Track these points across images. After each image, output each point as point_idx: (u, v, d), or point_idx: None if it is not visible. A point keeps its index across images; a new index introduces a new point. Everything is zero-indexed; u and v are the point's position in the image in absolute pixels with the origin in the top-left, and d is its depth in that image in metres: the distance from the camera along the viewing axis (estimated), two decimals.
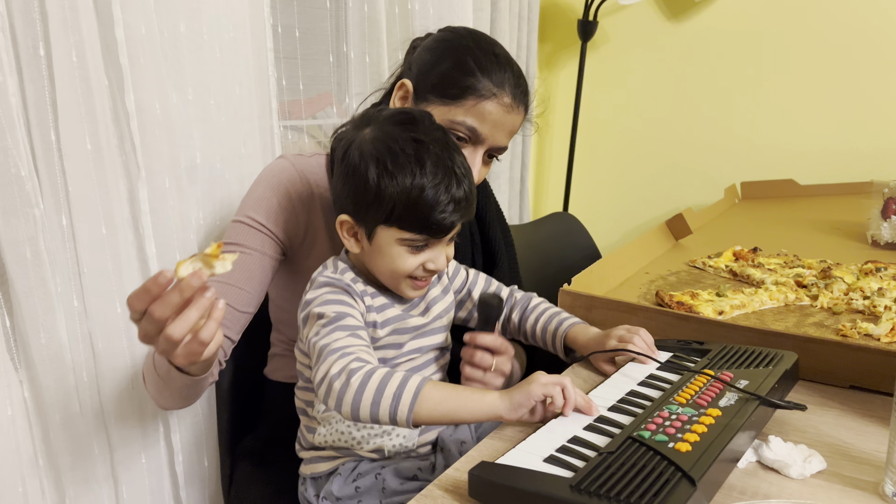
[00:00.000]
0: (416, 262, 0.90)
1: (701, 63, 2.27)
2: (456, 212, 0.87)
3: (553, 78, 2.52)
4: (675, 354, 0.98)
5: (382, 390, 0.78)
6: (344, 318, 0.86)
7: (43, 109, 0.97)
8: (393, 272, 0.91)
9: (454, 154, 0.89)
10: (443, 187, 0.86)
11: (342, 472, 0.95)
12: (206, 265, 0.73)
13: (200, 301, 0.74)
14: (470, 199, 0.90)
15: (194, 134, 1.18)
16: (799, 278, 1.31)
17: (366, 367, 0.80)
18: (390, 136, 0.88)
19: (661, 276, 1.38)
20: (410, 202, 0.85)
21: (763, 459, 0.76)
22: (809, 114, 2.16)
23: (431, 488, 0.74)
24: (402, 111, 0.93)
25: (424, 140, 0.87)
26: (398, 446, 0.95)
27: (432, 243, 0.90)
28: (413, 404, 0.77)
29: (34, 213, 0.95)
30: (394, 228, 0.88)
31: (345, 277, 0.92)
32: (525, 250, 1.63)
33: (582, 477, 0.62)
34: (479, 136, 1.05)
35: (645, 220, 2.43)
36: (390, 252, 0.89)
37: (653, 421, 0.73)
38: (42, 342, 0.98)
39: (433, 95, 1.06)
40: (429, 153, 0.86)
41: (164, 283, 0.72)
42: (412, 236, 0.88)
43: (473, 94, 1.03)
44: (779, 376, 0.84)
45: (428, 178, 0.85)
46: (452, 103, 1.04)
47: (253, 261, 1.04)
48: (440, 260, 0.92)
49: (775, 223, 1.87)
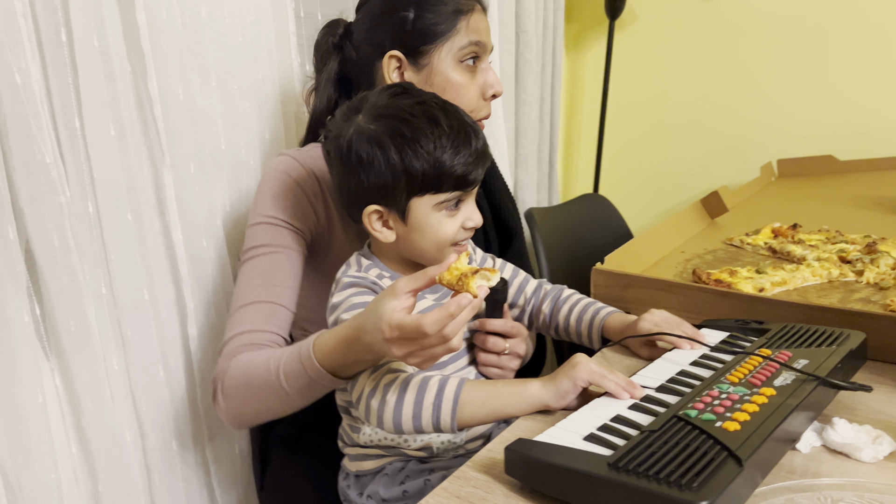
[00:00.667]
0: (455, 224, 0.89)
1: (733, 38, 2.21)
2: (480, 160, 0.87)
3: (580, 58, 2.47)
4: (732, 334, 0.93)
5: (421, 401, 0.78)
6: None
7: (67, 96, 0.97)
8: (438, 243, 0.89)
9: (457, 108, 0.90)
10: (461, 139, 0.85)
11: (388, 471, 0.93)
12: (485, 280, 0.72)
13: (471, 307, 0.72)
14: (486, 146, 0.90)
15: (217, 119, 1.17)
16: (842, 254, 1.26)
17: (399, 377, 0.79)
18: (393, 108, 0.86)
19: (698, 255, 1.34)
20: (439, 163, 0.84)
21: (829, 443, 0.72)
22: (847, 88, 2.08)
23: (465, 469, 0.72)
24: (387, 87, 0.92)
25: (427, 101, 0.88)
26: (446, 443, 0.93)
27: (464, 198, 0.89)
28: (455, 410, 0.77)
29: (60, 200, 0.94)
30: (427, 196, 0.86)
31: (369, 275, 0.90)
32: (554, 232, 1.60)
33: (621, 455, 0.59)
34: (485, 45, 1.10)
35: (678, 201, 2.38)
36: (429, 223, 0.88)
37: (701, 400, 0.70)
38: (71, 330, 0.98)
39: (429, 44, 1.07)
40: (438, 111, 0.86)
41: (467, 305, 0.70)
42: (447, 196, 0.87)
43: (462, 15, 1.07)
44: (842, 356, 0.79)
45: (447, 135, 0.85)
46: (452, 34, 1.07)
47: (289, 258, 1.02)
48: (476, 214, 0.90)
49: (815, 200, 1.80)
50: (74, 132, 0.98)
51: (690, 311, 1.06)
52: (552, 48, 2.07)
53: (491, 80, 1.11)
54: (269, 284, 0.99)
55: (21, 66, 0.88)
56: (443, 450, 0.93)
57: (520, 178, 2.00)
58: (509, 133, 1.91)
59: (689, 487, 0.55)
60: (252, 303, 0.97)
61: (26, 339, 0.93)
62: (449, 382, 0.79)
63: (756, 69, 2.19)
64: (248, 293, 0.98)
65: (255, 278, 0.99)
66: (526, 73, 1.92)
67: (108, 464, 1.05)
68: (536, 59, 1.98)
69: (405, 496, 0.91)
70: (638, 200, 2.44)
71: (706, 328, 0.97)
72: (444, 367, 0.95)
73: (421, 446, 0.93)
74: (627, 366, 0.93)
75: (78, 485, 1.03)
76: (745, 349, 0.85)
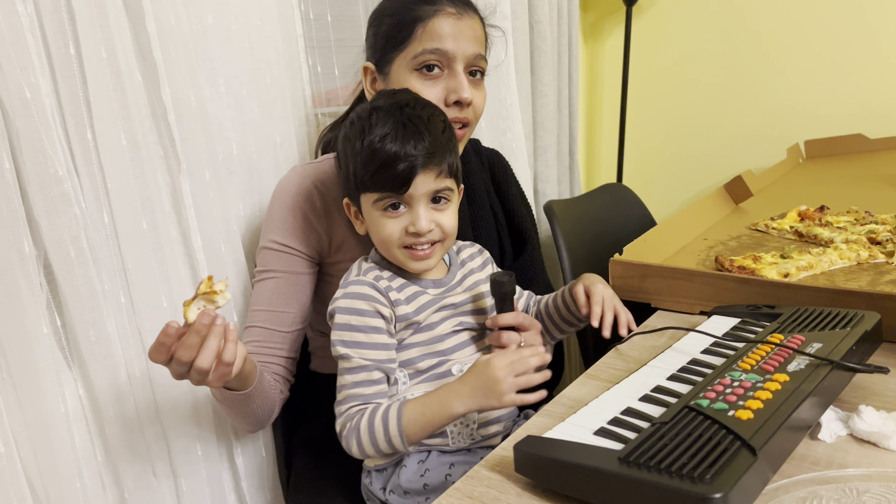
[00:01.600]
0: (397, 226, 0.91)
1: (754, 18, 2.15)
2: (411, 161, 0.87)
3: (598, 47, 2.44)
4: (743, 320, 0.91)
5: (373, 431, 0.86)
6: (352, 358, 0.90)
7: (77, 108, 0.97)
8: (382, 242, 0.94)
9: (409, 111, 0.91)
10: (389, 139, 0.88)
11: (408, 463, 0.93)
12: (210, 302, 0.79)
13: (215, 329, 0.80)
14: (429, 150, 0.88)
15: (228, 125, 1.17)
16: (872, 235, 1.22)
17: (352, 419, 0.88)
18: (355, 113, 0.94)
19: (721, 242, 1.31)
20: (365, 160, 0.89)
21: (856, 432, 0.69)
22: (875, 64, 2.01)
23: (478, 468, 0.71)
24: (379, 92, 1.00)
25: (381, 105, 0.92)
26: (459, 426, 0.94)
27: (407, 202, 0.91)
28: (401, 428, 0.85)
29: (75, 211, 0.95)
30: (366, 193, 0.92)
31: (367, 277, 0.94)
32: (576, 224, 1.58)
33: (632, 449, 0.58)
34: (446, 53, 1.06)
35: (704, 188, 2.33)
36: (372, 220, 0.93)
37: (712, 389, 0.68)
38: (91, 339, 0.99)
39: (390, 52, 1.09)
40: (379, 112, 0.90)
41: (175, 333, 0.79)
42: (378, 195, 0.90)
43: (419, 22, 1.05)
44: (857, 338, 0.76)
45: (376, 133, 0.88)
46: (407, 43, 1.06)
47: (286, 283, 1.09)
48: (420, 221, 0.90)
49: (844, 181, 1.75)
50: (86, 144, 0.99)
51: (711, 299, 1.04)
52: (567, 38, 2.04)
53: (453, 86, 1.07)
54: (267, 310, 1.08)
55: (30, 80, 0.89)
56: (457, 433, 0.94)
57: (539, 171, 1.97)
58: (527, 126, 1.89)
59: (702, 480, 0.53)
60: (253, 326, 1.08)
61: (47, 350, 0.94)
62: (391, 407, 0.87)
63: (779, 49, 2.14)
64: (253, 316, 1.09)
65: (260, 303, 1.09)
66: (542, 65, 1.90)
67: (133, 471, 1.06)
68: (552, 50, 1.96)
69: (426, 489, 0.91)
70: (662, 189, 2.40)
71: (717, 315, 0.94)
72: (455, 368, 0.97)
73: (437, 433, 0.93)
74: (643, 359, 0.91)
75: (105, 492, 1.04)
76: (756, 335, 0.82)
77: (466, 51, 1.07)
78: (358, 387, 0.90)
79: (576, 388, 0.87)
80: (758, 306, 0.93)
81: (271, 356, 1.08)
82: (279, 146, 1.26)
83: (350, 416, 0.89)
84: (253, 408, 1.02)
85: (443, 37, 1.05)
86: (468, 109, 1.09)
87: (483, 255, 1.08)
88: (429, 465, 0.93)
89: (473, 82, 1.09)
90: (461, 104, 1.07)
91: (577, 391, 0.86)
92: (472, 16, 1.09)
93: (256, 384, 1.00)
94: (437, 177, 0.90)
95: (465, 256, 1.05)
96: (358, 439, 0.87)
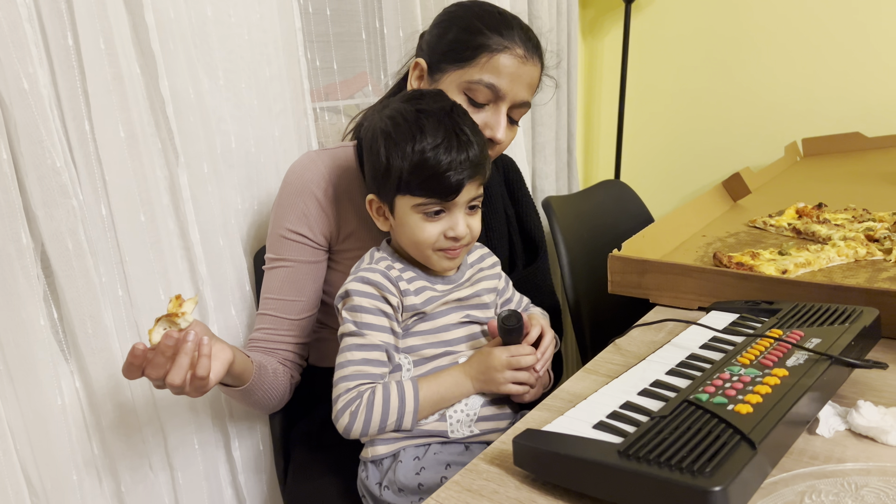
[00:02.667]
0: (435, 230, 0.93)
1: (753, 16, 2.15)
2: (460, 171, 0.89)
3: (597, 44, 2.44)
4: (742, 316, 0.91)
5: (387, 406, 0.89)
6: (366, 335, 0.92)
7: (75, 100, 0.97)
8: (416, 243, 0.94)
9: (457, 119, 0.92)
10: (442, 148, 0.89)
11: (403, 458, 0.93)
12: (172, 324, 0.82)
13: (185, 347, 0.82)
14: (476, 161, 0.91)
15: (227, 118, 1.17)
16: (870, 232, 1.22)
17: (362, 395, 0.90)
18: (397, 111, 0.93)
19: (720, 238, 1.31)
20: (414, 166, 0.89)
21: (855, 427, 0.69)
22: (872, 63, 2.02)
23: (477, 462, 0.71)
24: (413, 91, 0.99)
25: (427, 109, 0.92)
26: (459, 413, 0.95)
27: (448, 208, 0.93)
28: (417, 404, 0.90)
29: (73, 203, 0.95)
30: (407, 196, 0.92)
31: (379, 266, 0.96)
32: (574, 220, 1.58)
33: (631, 442, 0.58)
34: (499, 91, 1.06)
35: (702, 186, 2.33)
36: (410, 222, 0.93)
37: (712, 383, 0.68)
38: (89, 332, 0.99)
39: (447, 63, 1.08)
40: (429, 119, 0.90)
41: (141, 353, 0.81)
42: (423, 201, 0.91)
43: (486, 51, 1.05)
44: (856, 333, 0.76)
45: (428, 140, 0.89)
46: (467, 64, 1.05)
47: (298, 273, 1.10)
48: (459, 227, 0.93)
49: (842, 178, 1.75)
50: (84, 135, 0.98)
51: (709, 295, 1.04)
52: (567, 34, 2.04)
53: (492, 122, 1.08)
54: (278, 298, 1.10)
55: (28, 71, 0.89)
56: (456, 421, 0.95)
57: (537, 167, 1.97)
58: (525, 122, 1.89)
59: (702, 473, 0.53)
60: (264, 314, 1.10)
61: (44, 342, 0.94)
62: (407, 394, 0.90)
63: (777, 47, 2.14)
64: (264, 303, 1.11)
65: (272, 291, 1.10)
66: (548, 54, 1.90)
67: (130, 464, 1.06)
68: (551, 46, 1.95)
69: (420, 489, 0.90)
70: (660, 186, 2.40)
71: (715, 310, 0.94)
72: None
73: (435, 419, 0.94)
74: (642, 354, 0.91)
75: (101, 485, 1.04)
76: (755, 330, 0.82)
77: (518, 96, 1.07)
78: (369, 365, 0.91)
79: (574, 382, 0.87)
80: (756, 302, 0.93)
81: (282, 342, 1.10)
82: (278, 140, 1.25)
83: (360, 391, 0.89)
84: (256, 398, 1.04)
85: (503, 75, 1.05)
86: (496, 147, 1.10)
87: (492, 257, 1.10)
88: (425, 462, 0.93)
89: (510, 125, 1.11)
90: (492, 141, 1.09)
91: (575, 386, 0.86)
92: (536, 63, 1.09)
93: (255, 379, 1.01)
94: (478, 186, 0.94)
95: (475, 258, 1.07)
96: (367, 415, 0.88)
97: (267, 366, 1.05)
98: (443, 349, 0.97)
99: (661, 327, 1.01)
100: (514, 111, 1.10)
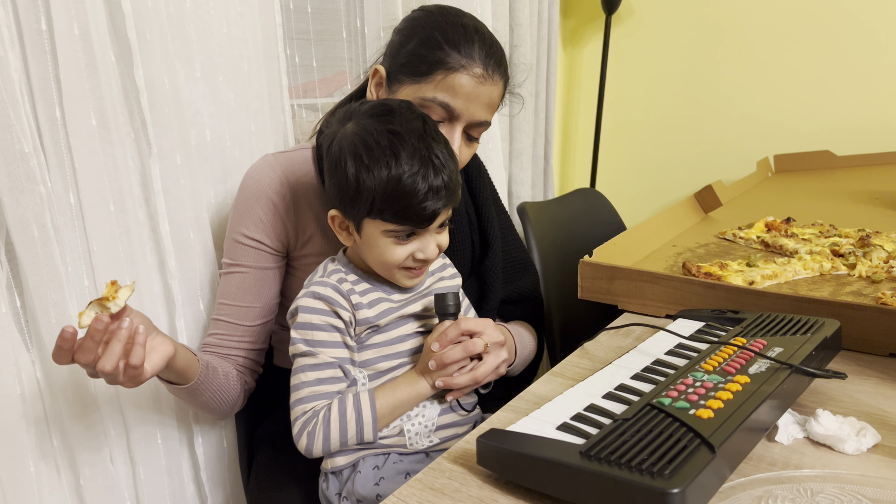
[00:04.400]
0: (404, 252, 0.90)
1: (730, 33, 2.19)
2: (436, 201, 0.86)
3: (577, 54, 2.46)
4: (707, 324, 0.92)
5: (345, 421, 0.88)
6: (318, 355, 0.90)
7: (47, 85, 0.95)
8: (384, 264, 0.91)
9: (432, 143, 0.87)
10: (419, 177, 0.85)
11: (362, 469, 0.92)
12: (103, 308, 0.80)
13: (119, 333, 0.80)
14: (451, 187, 0.88)
15: (203, 111, 1.16)
16: (835, 247, 1.25)
17: (318, 414, 0.88)
18: (367, 129, 0.87)
19: (689, 249, 1.33)
20: (388, 194, 0.85)
21: (813, 435, 0.71)
22: (844, 83, 2.06)
23: (440, 461, 0.71)
24: (381, 103, 0.92)
25: (400, 131, 0.86)
26: (418, 426, 0.94)
27: (419, 232, 0.90)
28: (374, 414, 0.89)
29: (40, 190, 0.93)
30: (378, 221, 0.88)
31: (331, 279, 0.92)
32: (549, 227, 1.59)
33: (593, 443, 0.58)
34: (454, 111, 1.01)
35: (675, 197, 2.36)
36: (378, 244, 0.90)
37: (675, 388, 0.69)
38: (52, 322, 0.97)
39: (403, 75, 1.03)
40: (404, 144, 0.85)
41: (71, 336, 0.79)
42: (395, 227, 0.88)
43: (442, 68, 0.99)
44: (817, 344, 0.78)
45: (404, 168, 0.84)
46: (422, 80, 1.00)
47: (253, 279, 1.08)
48: (429, 249, 0.91)
49: (810, 195, 1.79)
50: (55, 121, 0.97)
51: (677, 303, 1.05)
52: (547, 43, 2.06)
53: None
54: (232, 304, 1.08)
55: None
56: (414, 433, 0.94)
57: (514, 174, 1.98)
58: (503, 128, 1.90)
59: (661, 475, 0.54)
60: (219, 319, 1.09)
61: (5, 330, 0.92)
62: (363, 407, 0.89)
63: (753, 64, 2.18)
64: (219, 309, 1.10)
65: (227, 297, 1.09)
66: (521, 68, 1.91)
67: (89, 458, 1.04)
68: (531, 54, 1.97)
69: (379, 500, 0.89)
70: (634, 196, 2.43)
71: (682, 318, 0.96)
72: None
73: (394, 433, 0.93)
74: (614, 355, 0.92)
75: (60, 478, 1.02)
76: (720, 338, 0.84)
77: (474, 116, 1.02)
78: (323, 384, 0.89)
79: (540, 385, 0.87)
80: (722, 311, 0.95)
81: (236, 349, 1.08)
82: (254, 135, 1.24)
83: (315, 411, 0.88)
84: (204, 400, 1.02)
85: (458, 95, 1.00)
86: None
87: (452, 268, 1.08)
88: (384, 472, 0.92)
89: (466, 142, 1.06)
90: None
91: (541, 388, 0.86)
92: (498, 81, 1.03)
93: (201, 378, 0.99)
94: (451, 209, 0.91)
95: (436, 266, 1.05)
96: (325, 432, 0.87)
97: (217, 368, 1.03)
98: (398, 361, 0.95)
99: (628, 333, 1.02)
100: (473, 129, 1.05)
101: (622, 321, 1.07)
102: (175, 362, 0.91)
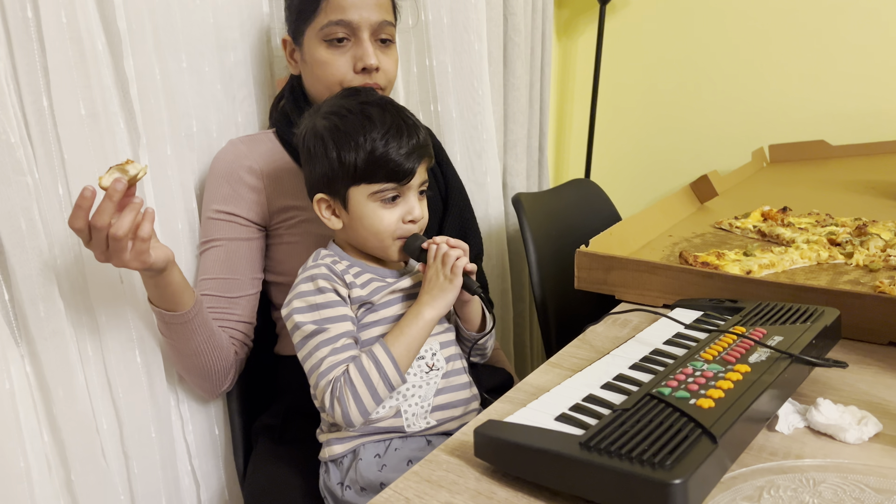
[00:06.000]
0: (393, 216, 0.94)
1: (725, 22, 2.18)
2: (412, 154, 0.92)
3: (572, 44, 2.44)
4: (706, 313, 0.91)
5: (368, 377, 0.87)
6: (328, 329, 0.90)
7: (33, 74, 0.94)
8: (377, 234, 0.95)
9: (400, 109, 0.96)
10: (392, 133, 0.91)
11: (364, 455, 0.92)
12: (122, 172, 0.84)
13: (132, 204, 0.85)
14: (424, 143, 0.95)
15: (189, 101, 1.15)
16: (832, 236, 1.24)
17: (339, 380, 0.88)
18: (337, 106, 0.95)
19: (686, 239, 1.32)
20: (368, 154, 0.91)
21: (813, 424, 0.70)
22: (840, 73, 2.06)
23: (437, 453, 0.70)
24: (345, 89, 1.04)
25: (369, 100, 0.95)
26: (414, 407, 0.94)
27: (402, 192, 0.94)
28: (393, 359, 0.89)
29: (28, 181, 0.92)
30: (362, 185, 0.93)
31: (324, 261, 0.96)
32: (544, 217, 1.58)
33: (592, 434, 0.57)
34: (350, 23, 1.09)
35: (670, 187, 2.36)
36: (367, 213, 0.94)
37: (674, 378, 0.68)
38: (41, 315, 0.96)
39: (301, 25, 1.12)
40: (374, 108, 0.93)
41: (91, 195, 0.82)
42: (380, 187, 0.92)
43: None
44: (816, 333, 0.77)
45: (378, 129, 0.91)
46: (314, 17, 1.10)
47: (230, 250, 1.11)
48: (416, 210, 0.95)
49: (806, 185, 1.78)
50: (42, 111, 0.95)
51: (674, 292, 1.04)
52: (541, 32, 2.04)
53: (359, 54, 1.11)
54: (211, 278, 1.11)
55: None
56: (411, 414, 0.94)
57: (509, 164, 1.97)
58: (497, 118, 1.88)
59: (662, 466, 0.53)
60: (203, 294, 1.10)
61: None
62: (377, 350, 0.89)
63: (748, 54, 2.17)
64: (201, 285, 1.12)
65: (206, 272, 1.12)
66: (514, 58, 1.89)
67: (81, 452, 1.03)
68: (525, 43, 1.95)
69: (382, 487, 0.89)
70: (630, 186, 2.42)
71: (680, 307, 0.95)
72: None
73: (391, 414, 0.93)
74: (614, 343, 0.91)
75: (51, 474, 1.00)
76: (719, 327, 0.83)
77: (370, 19, 1.10)
78: (339, 353, 0.89)
79: (538, 375, 0.86)
80: (720, 300, 0.94)
81: (224, 321, 1.11)
82: (241, 126, 1.24)
83: (337, 377, 0.88)
84: (196, 345, 1.03)
85: (346, 8, 1.09)
86: (378, 75, 1.13)
87: None
88: (386, 459, 0.92)
89: (382, 48, 1.13)
90: (368, 70, 1.11)
91: (539, 379, 0.85)
92: None
93: (197, 314, 1.01)
94: (426, 169, 0.97)
95: None
96: (354, 392, 0.87)
97: (211, 321, 1.05)
98: None
99: (626, 323, 1.01)
100: (380, 33, 1.13)
101: (624, 308, 1.06)
102: (174, 272, 0.96)
